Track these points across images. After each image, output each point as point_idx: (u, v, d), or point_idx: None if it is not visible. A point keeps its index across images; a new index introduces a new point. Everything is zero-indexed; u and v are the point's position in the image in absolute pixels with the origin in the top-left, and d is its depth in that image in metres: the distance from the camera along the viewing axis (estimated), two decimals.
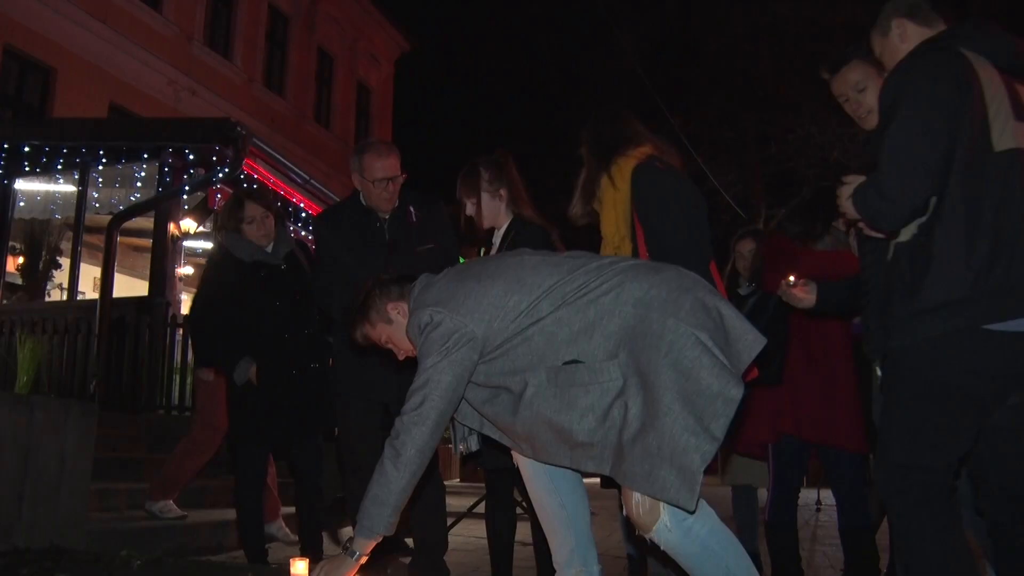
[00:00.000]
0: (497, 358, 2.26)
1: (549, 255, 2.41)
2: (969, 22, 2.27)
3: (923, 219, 2.14)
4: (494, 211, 3.34)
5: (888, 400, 2.24)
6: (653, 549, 2.16)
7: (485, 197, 3.32)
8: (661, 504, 2.05)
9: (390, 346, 2.54)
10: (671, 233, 2.81)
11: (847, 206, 2.28)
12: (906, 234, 2.19)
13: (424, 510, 3.40)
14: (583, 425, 2.13)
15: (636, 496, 2.06)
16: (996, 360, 2.07)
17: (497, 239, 3.38)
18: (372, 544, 2.30)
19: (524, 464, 2.52)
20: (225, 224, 3.95)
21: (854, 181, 2.26)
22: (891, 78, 2.21)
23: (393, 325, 2.48)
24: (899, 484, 2.13)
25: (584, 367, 2.14)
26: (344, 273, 3.43)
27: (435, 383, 2.21)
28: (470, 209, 3.36)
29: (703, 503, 2.11)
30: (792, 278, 2.91)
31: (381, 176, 3.39)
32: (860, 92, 2.71)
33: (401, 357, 2.54)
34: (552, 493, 2.49)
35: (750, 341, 2.14)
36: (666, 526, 2.07)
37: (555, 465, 2.33)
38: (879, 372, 2.45)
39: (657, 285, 2.16)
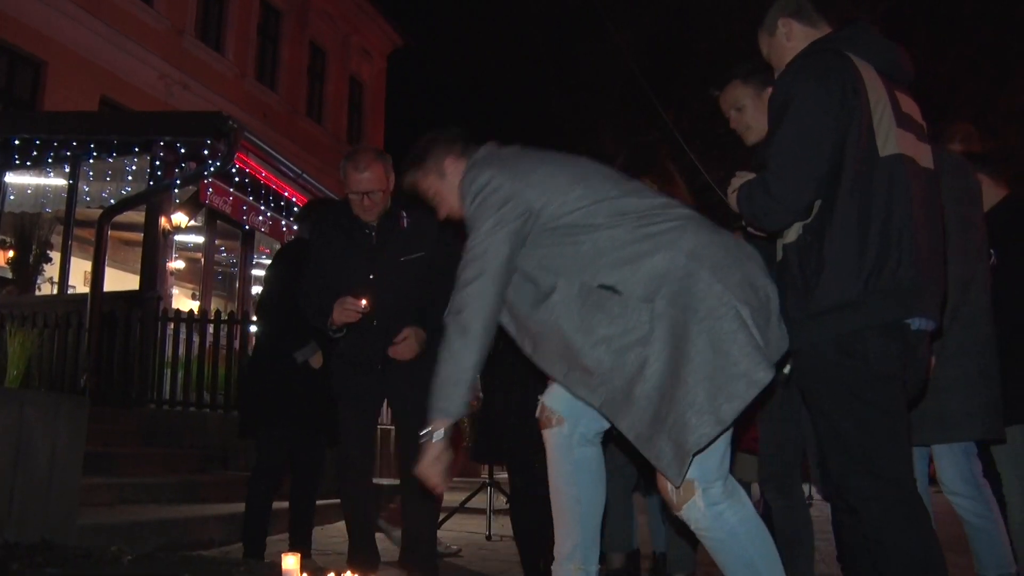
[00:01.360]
0: (539, 247, 2.18)
1: (627, 178, 2.35)
2: (853, 26, 2.29)
3: (807, 221, 2.16)
4: None
5: (820, 401, 2.18)
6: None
7: None
8: (695, 484, 2.03)
9: (436, 200, 2.48)
10: None
11: (732, 200, 2.32)
12: (791, 235, 2.21)
13: (414, 504, 3.40)
14: (593, 353, 2.08)
15: None
16: (895, 347, 2.12)
17: None
18: (449, 423, 2.22)
19: (553, 448, 2.44)
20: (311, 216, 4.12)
21: (743, 177, 2.30)
22: (782, 78, 2.22)
23: (445, 180, 2.42)
24: (873, 488, 2.08)
25: (618, 299, 2.07)
26: (327, 277, 3.44)
27: (493, 255, 2.13)
28: None
29: (741, 492, 2.08)
30: None
31: (355, 190, 3.33)
32: (739, 111, 2.86)
33: (442, 215, 2.49)
34: (571, 485, 2.42)
35: (782, 336, 2.12)
36: (697, 506, 2.05)
37: (547, 374, 2.27)
38: (785, 371, 2.46)
39: (714, 244, 2.11)
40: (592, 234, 2.12)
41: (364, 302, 3.22)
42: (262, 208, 9.82)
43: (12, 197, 9.23)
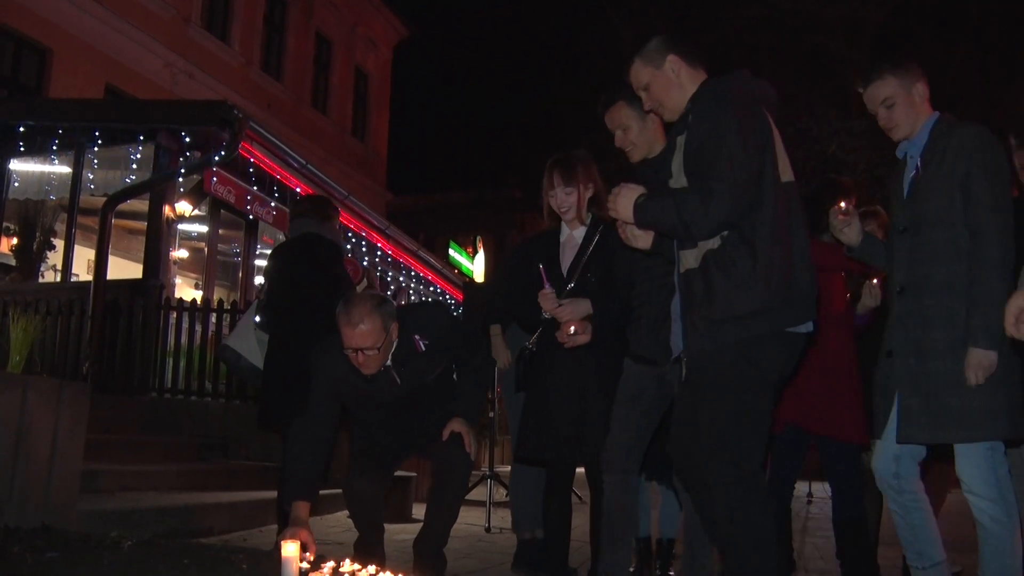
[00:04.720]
0: None
1: None
2: (741, 73, 2.60)
3: (725, 234, 2.42)
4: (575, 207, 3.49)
5: (706, 395, 2.47)
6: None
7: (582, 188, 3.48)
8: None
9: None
10: None
11: (619, 206, 2.55)
12: (698, 249, 2.48)
13: (441, 498, 3.41)
14: None
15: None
16: (784, 353, 2.48)
17: (578, 237, 3.48)
18: None
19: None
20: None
21: (634, 189, 2.55)
22: (710, 109, 2.47)
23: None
24: (734, 474, 2.39)
25: None
26: (340, 408, 3.44)
27: None
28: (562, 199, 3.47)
29: None
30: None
31: (347, 346, 3.18)
32: (624, 131, 3.22)
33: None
34: None
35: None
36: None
37: None
38: (684, 371, 2.62)
39: None
40: None
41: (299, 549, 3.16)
42: (266, 198, 9.81)
43: (16, 184, 9.22)
